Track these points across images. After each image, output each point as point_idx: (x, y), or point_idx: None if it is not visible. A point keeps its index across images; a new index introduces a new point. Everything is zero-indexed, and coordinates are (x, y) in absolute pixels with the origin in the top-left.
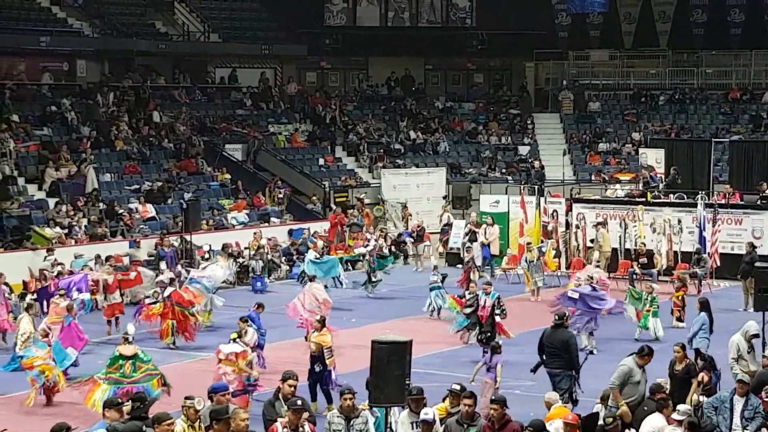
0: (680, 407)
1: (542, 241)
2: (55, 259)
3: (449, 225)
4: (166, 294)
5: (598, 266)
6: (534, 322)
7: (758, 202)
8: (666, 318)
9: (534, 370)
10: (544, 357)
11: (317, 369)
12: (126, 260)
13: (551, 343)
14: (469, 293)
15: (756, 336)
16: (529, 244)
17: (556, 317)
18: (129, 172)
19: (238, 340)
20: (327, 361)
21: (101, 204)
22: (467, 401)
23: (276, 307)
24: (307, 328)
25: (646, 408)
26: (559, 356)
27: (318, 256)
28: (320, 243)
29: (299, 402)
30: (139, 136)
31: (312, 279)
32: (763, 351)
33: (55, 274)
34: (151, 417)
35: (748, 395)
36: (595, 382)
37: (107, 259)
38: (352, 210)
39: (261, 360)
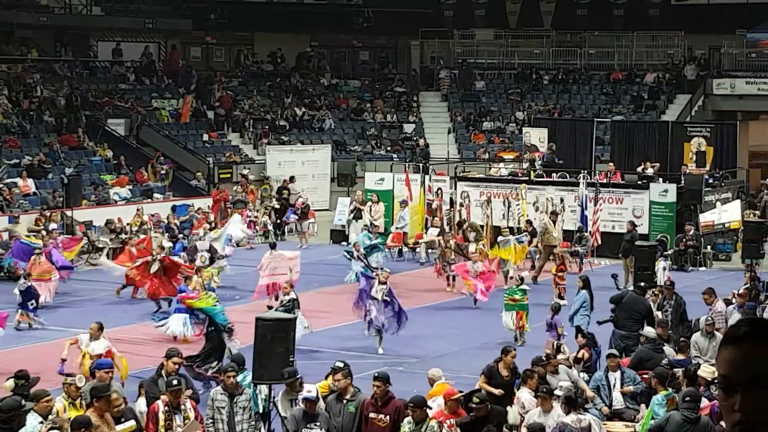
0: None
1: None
2: None
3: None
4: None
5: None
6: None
7: (639, 182)
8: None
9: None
10: (621, 320)
11: None
12: (5, 236)
13: (635, 308)
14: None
15: None
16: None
17: (641, 285)
18: (9, 146)
19: None
20: None
21: None
22: (338, 376)
23: None
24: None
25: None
26: (639, 320)
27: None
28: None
29: (175, 381)
30: (19, 109)
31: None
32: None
33: None
34: (30, 394)
35: (621, 368)
36: (473, 360)
37: None
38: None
39: None
